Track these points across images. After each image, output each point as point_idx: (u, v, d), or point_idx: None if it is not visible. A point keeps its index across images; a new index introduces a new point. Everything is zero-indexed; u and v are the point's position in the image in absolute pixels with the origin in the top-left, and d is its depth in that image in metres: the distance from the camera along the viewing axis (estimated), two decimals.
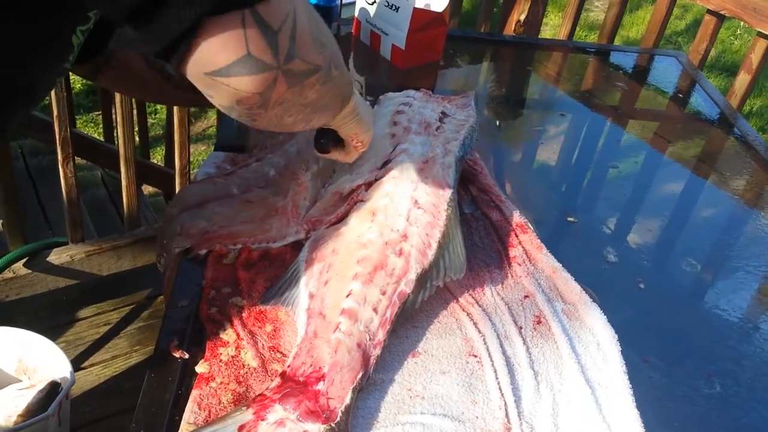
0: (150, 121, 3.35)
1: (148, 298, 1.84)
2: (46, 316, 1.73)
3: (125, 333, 1.73)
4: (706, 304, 0.98)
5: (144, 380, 0.70)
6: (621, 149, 1.37)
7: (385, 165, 0.95)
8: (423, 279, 0.81)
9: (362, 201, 0.90)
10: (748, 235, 1.15)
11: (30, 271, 1.74)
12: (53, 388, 1.24)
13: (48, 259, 1.77)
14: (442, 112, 1.10)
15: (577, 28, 4.97)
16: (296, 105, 0.58)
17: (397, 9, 1.44)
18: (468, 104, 1.16)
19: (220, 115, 1.18)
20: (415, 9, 1.41)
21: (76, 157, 1.70)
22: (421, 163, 0.94)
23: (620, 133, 1.44)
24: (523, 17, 2.24)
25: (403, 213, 0.86)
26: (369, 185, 0.93)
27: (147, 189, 2.87)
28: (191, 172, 1.96)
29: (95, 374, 1.64)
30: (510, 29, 2.27)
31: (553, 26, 5.59)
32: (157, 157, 3.40)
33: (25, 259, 1.76)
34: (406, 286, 0.79)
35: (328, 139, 0.82)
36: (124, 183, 1.80)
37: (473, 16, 4.55)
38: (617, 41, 2.23)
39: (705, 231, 1.16)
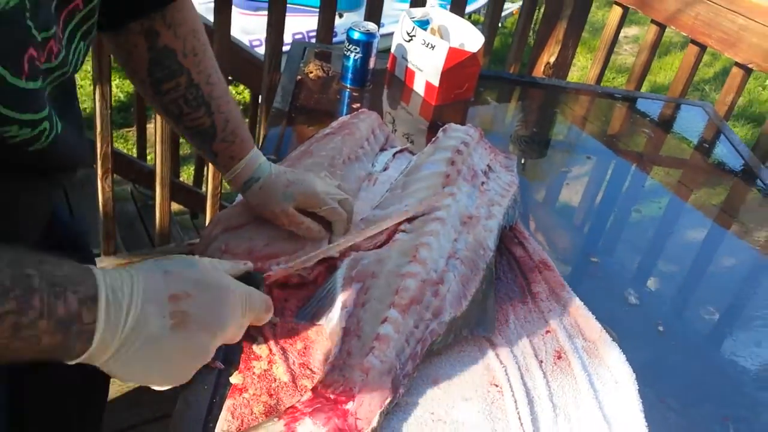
0: (181, 139, 3.44)
1: None
2: None
3: None
4: (724, 350, 1.00)
5: (179, 387, 0.74)
6: (644, 194, 1.40)
7: (432, 203, 0.99)
8: (453, 326, 0.84)
9: (404, 232, 0.94)
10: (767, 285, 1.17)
11: None
12: None
13: None
14: (488, 166, 1.14)
15: (609, 73, 4.97)
16: None
17: (433, 47, 1.50)
18: (511, 168, 1.21)
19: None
20: (450, 48, 1.47)
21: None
22: (466, 216, 0.98)
23: (644, 178, 1.47)
24: (552, 59, 2.30)
25: (443, 257, 0.90)
26: (412, 219, 0.97)
27: (174, 206, 2.94)
28: (222, 190, 2.02)
29: (119, 384, 1.68)
30: (539, 71, 2.32)
31: (581, 67, 5.66)
32: (185, 176, 3.48)
33: None
34: (439, 327, 0.82)
35: None
36: (158, 201, 1.86)
37: (503, 55, 4.63)
38: (644, 86, 2.28)
39: (725, 279, 1.19)
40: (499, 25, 6.56)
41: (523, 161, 1.43)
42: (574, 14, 2.30)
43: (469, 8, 6.10)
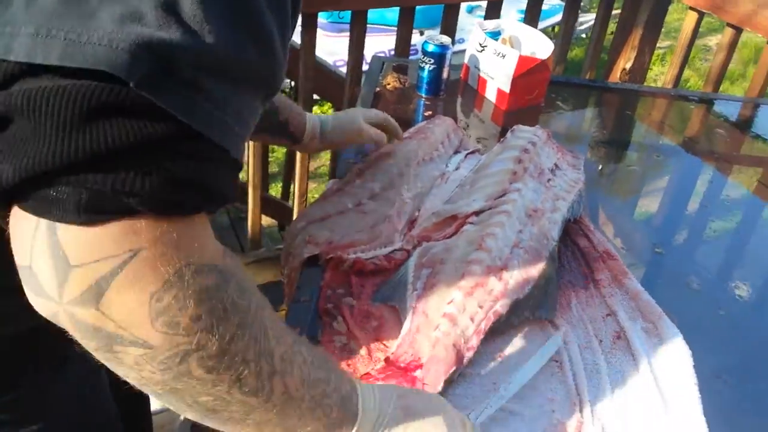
0: (270, 158, 3.64)
1: None
2: None
3: None
4: None
5: None
6: (717, 192, 1.41)
7: (499, 197, 1.06)
8: (515, 307, 0.90)
9: (472, 224, 1.02)
10: None
11: None
12: None
13: None
14: (556, 164, 1.20)
15: (697, 79, 4.84)
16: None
17: (503, 56, 1.57)
18: (578, 166, 1.26)
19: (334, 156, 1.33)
20: (520, 56, 1.54)
21: None
22: (531, 210, 1.05)
23: (719, 177, 1.48)
24: (629, 66, 2.31)
25: (508, 246, 0.97)
26: (479, 212, 1.04)
27: (264, 219, 3.13)
28: (307, 202, 2.16)
29: None
30: (615, 77, 2.33)
31: (658, 73, 5.54)
32: (273, 191, 3.70)
33: None
34: (501, 308, 0.89)
35: None
36: (250, 206, 2.01)
37: (580, 63, 4.62)
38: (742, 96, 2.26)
39: None
40: (582, 36, 6.49)
41: (600, 168, 1.47)
42: (650, 20, 2.31)
43: (548, 22, 6.11)
